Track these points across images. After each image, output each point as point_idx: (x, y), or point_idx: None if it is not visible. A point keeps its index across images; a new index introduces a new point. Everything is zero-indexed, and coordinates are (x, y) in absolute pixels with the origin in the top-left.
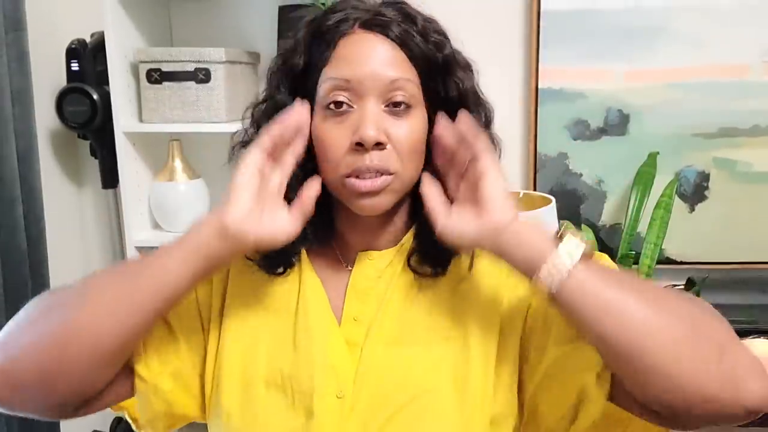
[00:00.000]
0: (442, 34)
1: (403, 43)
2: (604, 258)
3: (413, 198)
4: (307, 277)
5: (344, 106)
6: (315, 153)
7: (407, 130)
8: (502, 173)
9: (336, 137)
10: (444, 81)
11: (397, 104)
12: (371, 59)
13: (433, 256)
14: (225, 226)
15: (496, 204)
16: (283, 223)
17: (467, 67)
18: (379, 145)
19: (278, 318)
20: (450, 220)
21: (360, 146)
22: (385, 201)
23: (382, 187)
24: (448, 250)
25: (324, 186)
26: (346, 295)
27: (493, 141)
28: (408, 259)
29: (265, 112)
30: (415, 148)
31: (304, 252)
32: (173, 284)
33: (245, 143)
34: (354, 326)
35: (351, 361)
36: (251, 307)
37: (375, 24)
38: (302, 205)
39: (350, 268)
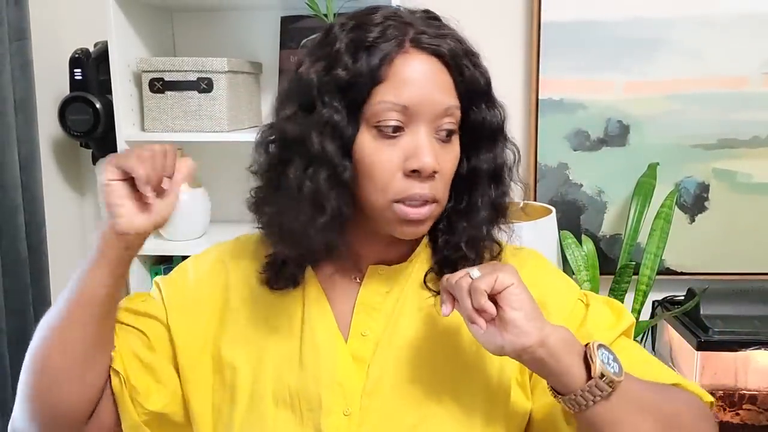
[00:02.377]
0: (480, 56)
1: (456, 66)
2: (629, 328)
3: None
4: (311, 291)
5: (396, 129)
6: (356, 173)
7: (452, 158)
8: (522, 292)
9: (387, 160)
10: (487, 108)
11: (447, 132)
12: (428, 84)
13: (442, 268)
14: (119, 232)
15: (518, 328)
16: (165, 206)
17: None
18: (434, 174)
19: (283, 334)
20: (485, 336)
21: (414, 173)
22: (426, 228)
23: (429, 215)
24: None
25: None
26: (354, 309)
27: (504, 185)
28: (424, 278)
29: (315, 127)
30: (452, 175)
31: (309, 269)
32: (98, 290)
33: (283, 161)
34: (362, 342)
35: (358, 377)
36: (255, 322)
37: (428, 43)
38: (176, 184)
39: (359, 281)
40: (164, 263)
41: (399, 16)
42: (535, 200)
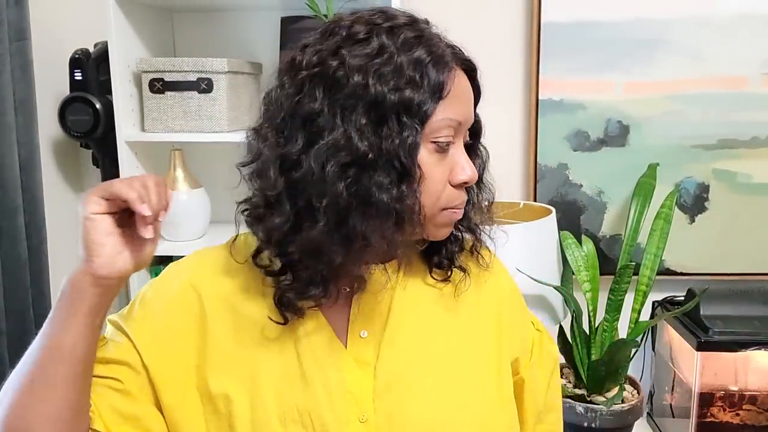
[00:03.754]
0: None
1: (475, 81)
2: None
3: None
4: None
5: (448, 143)
6: (412, 175)
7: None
8: None
9: (440, 173)
10: (477, 114)
11: (467, 142)
12: (468, 100)
13: (448, 259)
14: (99, 275)
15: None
16: (151, 242)
17: None
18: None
19: (276, 351)
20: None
21: (462, 184)
22: None
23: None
24: (454, 251)
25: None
26: (350, 311)
27: (485, 179)
28: (429, 272)
29: (400, 145)
30: None
31: None
32: (75, 346)
33: (349, 173)
34: (362, 343)
35: (366, 381)
36: (242, 344)
37: (462, 60)
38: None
39: (347, 288)
40: (164, 263)
41: (426, 28)
42: (535, 200)
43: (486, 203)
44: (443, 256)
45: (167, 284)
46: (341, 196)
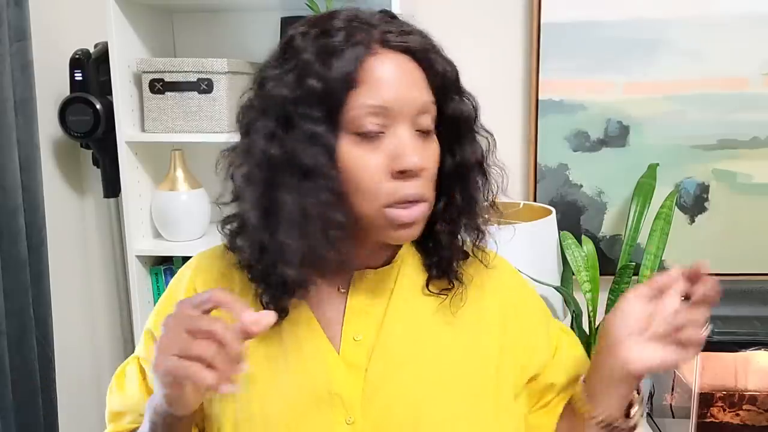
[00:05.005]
0: (444, 50)
1: (426, 62)
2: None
3: None
4: (294, 307)
5: (377, 131)
6: (342, 182)
7: (434, 155)
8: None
9: (372, 165)
10: (459, 100)
11: (425, 128)
12: (402, 82)
13: (445, 269)
14: (178, 416)
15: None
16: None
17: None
18: (421, 172)
19: (265, 349)
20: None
21: (401, 174)
22: (419, 230)
23: (421, 216)
24: (456, 260)
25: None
26: (345, 315)
27: (486, 173)
28: (426, 284)
29: (300, 143)
30: (436, 172)
31: None
32: None
33: (271, 184)
34: (355, 347)
35: (355, 384)
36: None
37: (396, 42)
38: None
39: (343, 289)
40: (164, 263)
41: (360, 18)
42: (535, 201)
43: (484, 200)
44: (439, 267)
45: (174, 292)
46: (257, 200)
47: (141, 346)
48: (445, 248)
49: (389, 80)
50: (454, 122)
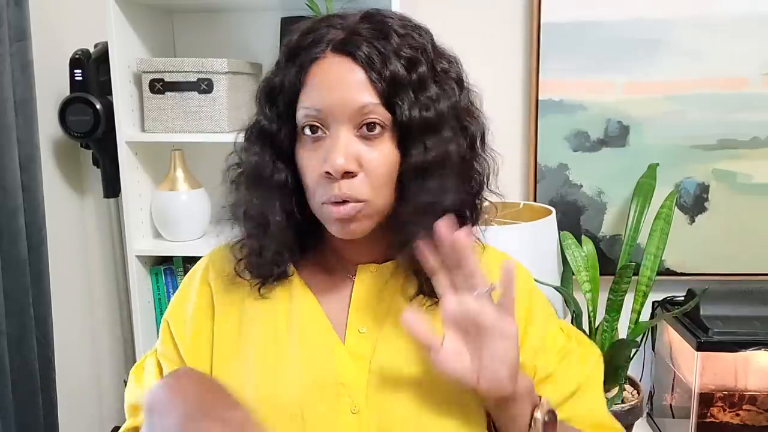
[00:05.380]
0: (419, 48)
1: (370, 65)
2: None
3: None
4: (299, 296)
5: (319, 132)
6: (297, 179)
7: (379, 155)
8: (514, 349)
9: (312, 164)
10: (415, 102)
11: (370, 128)
12: (340, 86)
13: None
14: None
15: (498, 381)
16: None
17: (454, 82)
18: (348, 174)
19: (273, 339)
20: (444, 356)
21: (330, 175)
22: (360, 227)
23: (352, 213)
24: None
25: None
26: (350, 307)
27: (486, 158)
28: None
29: (251, 136)
30: (388, 173)
31: (291, 267)
32: None
33: (233, 167)
34: (360, 339)
35: (360, 374)
36: (241, 332)
37: (345, 46)
38: None
39: (352, 279)
40: (164, 263)
41: (338, 22)
42: (535, 201)
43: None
44: (422, 280)
45: (187, 288)
46: (234, 202)
47: (160, 339)
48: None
49: (325, 82)
50: (404, 124)
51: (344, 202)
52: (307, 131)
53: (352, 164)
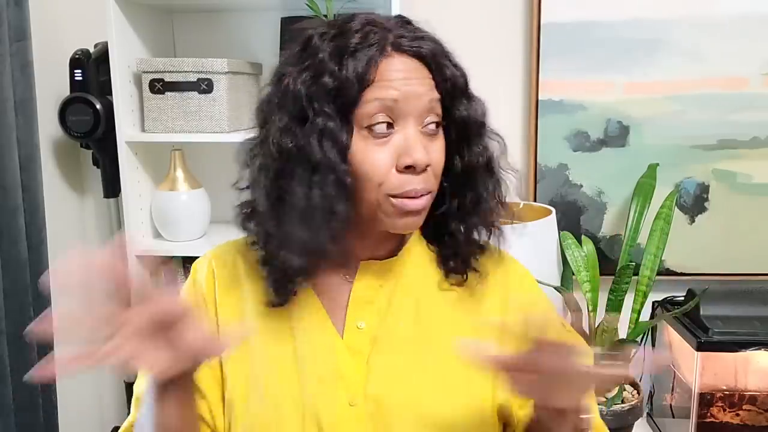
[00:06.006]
0: (454, 57)
1: (435, 66)
2: None
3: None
4: (301, 294)
5: (387, 128)
6: (351, 175)
7: (441, 150)
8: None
9: (381, 158)
10: (467, 104)
11: (431, 126)
12: (411, 81)
13: (465, 260)
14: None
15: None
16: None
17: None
18: (426, 168)
19: (273, 333)
20: (519, 377)
21: (408, 169)
22: (422, 220)
23: (427, 205)
24: (473, 254)
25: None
26: (349, 303)
27: (505, 169)
28: (446, 276)
29: (313, 137)
30: (442, 166)
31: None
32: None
33: (282, 174)
34: (358, 334)
35: (358, 368)
36: (243, 326)
37: (407, 45)
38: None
39: (349, 279)
40: (164, 264)
41: (377, 23)
42: (535, 201)
43: (493, 200)
44: (455, 259)
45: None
46: (268, 188)
47: None
48: (463, 242)
49: (399, 79)
50: (461, 125)
51: (420, 195)
52: (378, 128)
53: (428, 158)
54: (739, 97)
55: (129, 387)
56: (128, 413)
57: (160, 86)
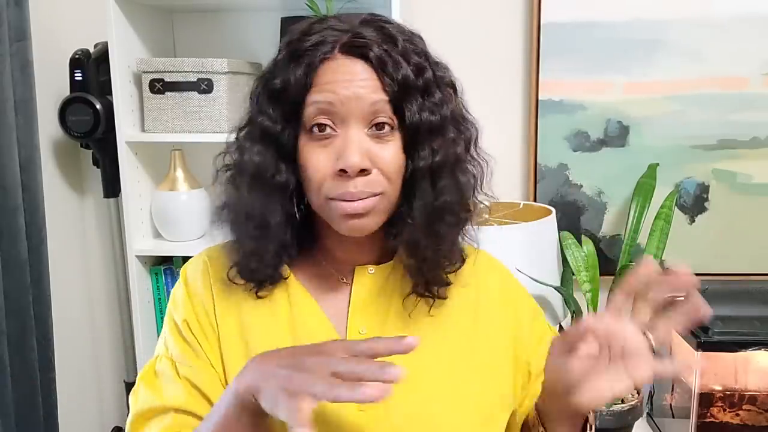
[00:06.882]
0: (423, 55)
1: (382, 68)
2: None
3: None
4: (298, 297)
5: (327, 130)
6: (299, 177)
7: (392, 152)
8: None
9: (320, 161)
10: (422, 105)
11: (380, 127)
12: (353, 83)
13: (432, 283)
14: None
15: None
16: None
17: (450, 88)
18: (363, 172)
19: (277, 342)
20: (580, 364)
21: (344, 173)
22: (372, 222)
23: (371, 207)
24: (443, 278)
25: (304, 201)
26: (349, 309)
27: (479, 161)
28: (414, 292)
29: (249, 136)
30: (398, 171)
31: (287, 269)
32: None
33: (228, 167)
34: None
35: None
36: (242, 335)
37: (354, 47)
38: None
39: (346, 282)
40: (164, 263)
41: (338, 24)
42: (535, 201)
43: (457, 201)
44: (422, 287)
45: (192, 275)
46: (226, 200)
47: (171, 342)
48: (429, 267)
49: (338, 81)
50: (413, 127)
51: (359, 198)
52: (317, 129)
53: (366, 161)
54: (739, 97)
55: (129, 387)
56: (128, 412)
57: (160, 86)
